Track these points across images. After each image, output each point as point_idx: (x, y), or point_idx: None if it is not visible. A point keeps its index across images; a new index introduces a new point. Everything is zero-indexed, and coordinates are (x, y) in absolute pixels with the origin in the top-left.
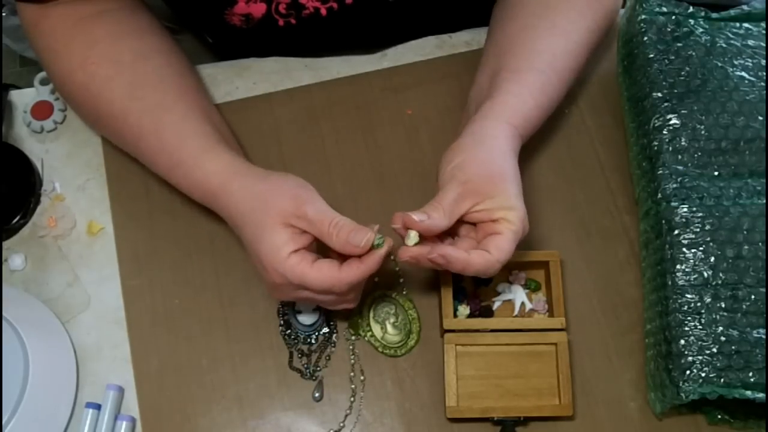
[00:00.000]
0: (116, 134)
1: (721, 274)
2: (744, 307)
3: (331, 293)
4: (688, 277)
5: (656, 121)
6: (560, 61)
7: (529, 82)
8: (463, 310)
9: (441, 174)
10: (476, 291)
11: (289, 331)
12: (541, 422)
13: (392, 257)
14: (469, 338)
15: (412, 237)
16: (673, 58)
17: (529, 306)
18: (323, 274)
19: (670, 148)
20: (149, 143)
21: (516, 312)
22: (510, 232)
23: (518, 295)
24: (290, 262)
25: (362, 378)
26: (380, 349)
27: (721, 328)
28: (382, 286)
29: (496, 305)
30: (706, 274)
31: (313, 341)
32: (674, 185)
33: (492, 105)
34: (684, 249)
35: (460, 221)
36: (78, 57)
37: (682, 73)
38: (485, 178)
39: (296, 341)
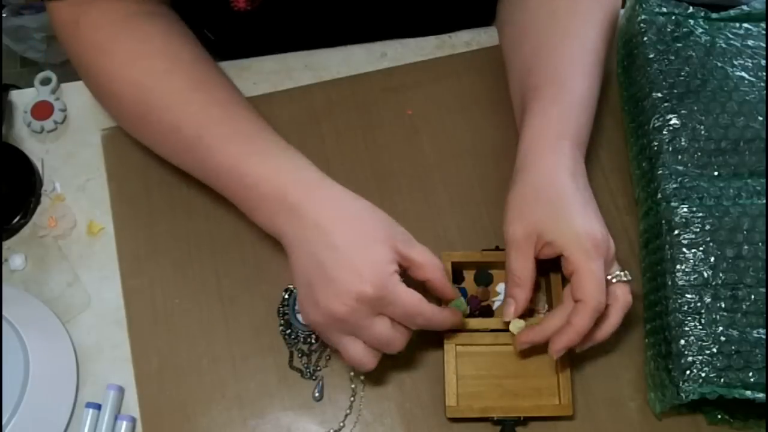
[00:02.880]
0: (168, 129)
1: (721, 274)
2: (744, 307)
3: (410, 321)
4: (688, 277)
5: (656, 121)
6: (579, 61)
7: (549, 93)
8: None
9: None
10: (477, 291)
11: (289, 330)
12: (540, 422)
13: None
14: (469, 338)
15: (514, 326)
16: (672, 58)
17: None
18: (415, 297)
19: (670, 148)
20: (218, 131)
21: None
22: (582, 262)
23: None
24: (395, 277)
25: (362, 378)
26: None
27: (721, 328)
28: None
29: (496, 305)
30: (706, 274)
31: (313, 341)
32: (674, 185)
33: (522, 134)
34: (684, 249)
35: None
36: (129, 52)
37: (682, 73)
38: (523, 227)
39: (296, 341)
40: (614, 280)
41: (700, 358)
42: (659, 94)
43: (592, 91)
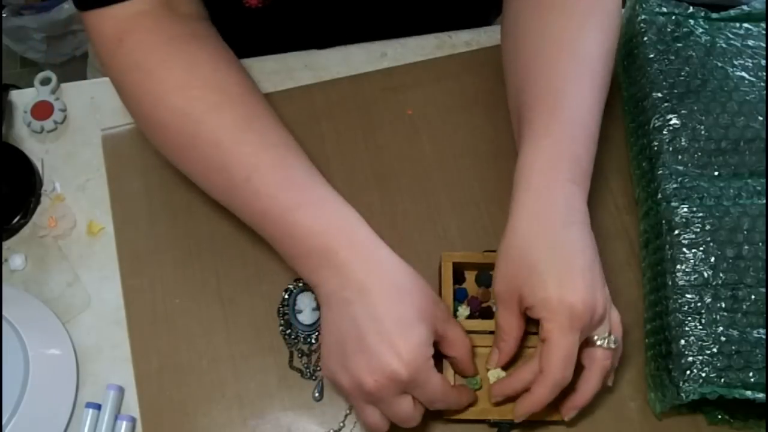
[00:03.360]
0: (216, 167)
1: (721, 274)
2: (744, 307)
3: (431, 404)
4: (688, 277)
5: (656, 121)
6: (576, 76)
7: (552, 114)
8: (463, 310)
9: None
10: (477, 292)
11: (289, 330)
12: (537, 423)
13: None
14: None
15: (492, 374)
16: (673, 58)
17: None
18: (445, 385)
19: (670, 148)
20: (269, 177)
21: None
22: (554, 333)
23: None
24: (430, 362)
25: None
26: None
27: (721, 328)
28: None
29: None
30: (706, 274)
31: (313, 341)
32: (674, 185)
33: (517, 164)
34: (684, 249)
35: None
36: (177, 79)
37: (682, 73)
38: (505, 284)
39: (296, 341)
40: (598, 342)
41: (701, 358)
42: (659, 94)
43: (593, 110)
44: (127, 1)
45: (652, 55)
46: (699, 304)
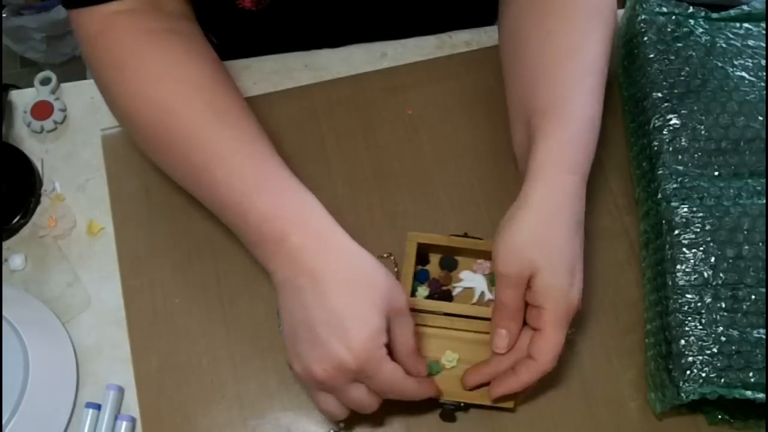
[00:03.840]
0: (180, 155)
1: (721, 274)
2: (744, 307)
3: (385, 393)
4: (688, 277)
5: (656, 121)
6: (587, 81)
7: (558, 119)
8: (423, 291)
9: (495, 250)
10: (440, 274)
11: None
12: (484, 410)
13: None
14: (422, 319)
15: (447, 358)
16: (673, 58)
17: (488, 296)
18: (398, 374)
19: (670, 148)
20: (226, 166)
21: (474, 300)
22: (550, 326)
23: (479, 284)
24: (382, 351)
25: None
26: None
27: (721, 328)
28: None
29: (456, 291)
30: (706, 274)
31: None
32: (674, 185)
33: (530, 162)
34: (684, 249)
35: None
36: (153, 72)
37: (682, 73)
38: (517, 265)
39: None
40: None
41: (701, 358)
42: (659, 94)
43: (599, 111)
44: (112, 1)
45: (652, 55)
46: (699, 304)
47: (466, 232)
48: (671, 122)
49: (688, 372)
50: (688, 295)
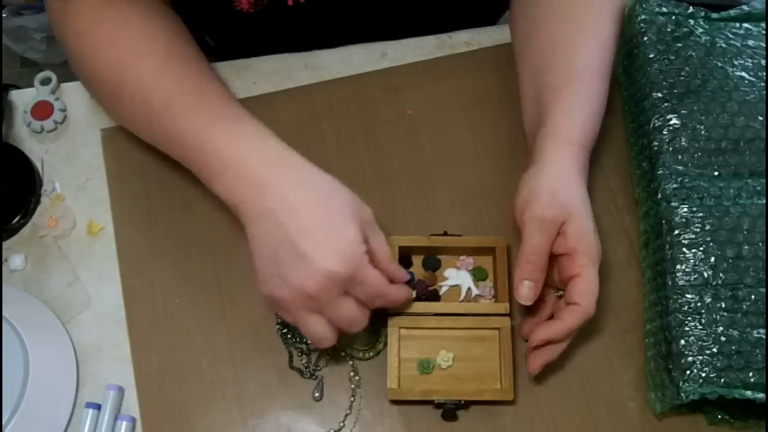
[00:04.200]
0: (140, 102)
1: (721, 274)
2: (744, 307)
3: (372, 301)
4: (688, 277)
5: (656, 121)
6: (597, 62)
7: (572, 95)
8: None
9: (515, 208)
10: (424, 275)
11: (285, 329)
12: (485, 410)
13: None
14: (412, 321)
15: (442, 358)
16: (673, 58)
17: (475, 291)
18: (382, 278)
19: (670, 148)
20: (186, 101)
21: (462, 297)
22: (588, 268)
23: (465, 280)
24: (366, 258)
25: (358, 378)
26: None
27: (721, 328)
28: None
29: (443, 290)
30: (706, 274)
31: (309, 341)
32: (674, 185)
33: (545, 131)
34: (684, 249)
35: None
36: (108, 33)
37: (682, 73)
38: (554, 209)
39: (293, 340)
40: None
41: (701, 358)
42: (659, 94)
43: (606, 93)
44: None
45: (652, 55)
46: (699, 304)
47: (446, 231)
48: (671, 122)
49: (688, 372)
50: (688, 295)
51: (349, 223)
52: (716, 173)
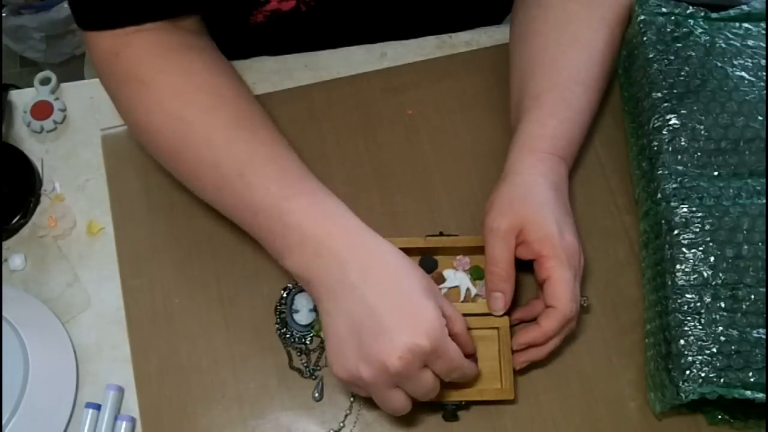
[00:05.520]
0: (207, 165)
1: (720, 274)
2: (744, 307)
3: (448, 374)
4: (687, 277)
5: (656, 121)
6: (584, 72)
7: (549, 103)
8: None
9: (484, 219)
10: None
11: (284, 329)
12: (485, 410)
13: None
14: None
15: None
16: (672, 58)
17: (474, 291)
18: (461, 353)
19: (670, 148)
20: (262, 170)
21: (462, 298)
22: (556, 270)
23: (463, 281)
24: (446, 331)
25: None
26: None
27: (721, 328)
28: None
29: (442, 292)
30: (705, 274)
31: (307, 342)
32: (674, 185)
33: (514, 141)
34: (684, 249)
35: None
36: (171, 86)
37: (682, 73)
38: (508, 218)
39: (292, 340)
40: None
41: (700, 358)
42: (659, 94)
43: (592, 104)
44: (129, 26)
45: (651, 55)
46: (699, 304)
47: (441, 231)
48: (671, 122)
49: (688, 372)
50: (688, 295)
51: (429, 297)
52: (716, 173)
